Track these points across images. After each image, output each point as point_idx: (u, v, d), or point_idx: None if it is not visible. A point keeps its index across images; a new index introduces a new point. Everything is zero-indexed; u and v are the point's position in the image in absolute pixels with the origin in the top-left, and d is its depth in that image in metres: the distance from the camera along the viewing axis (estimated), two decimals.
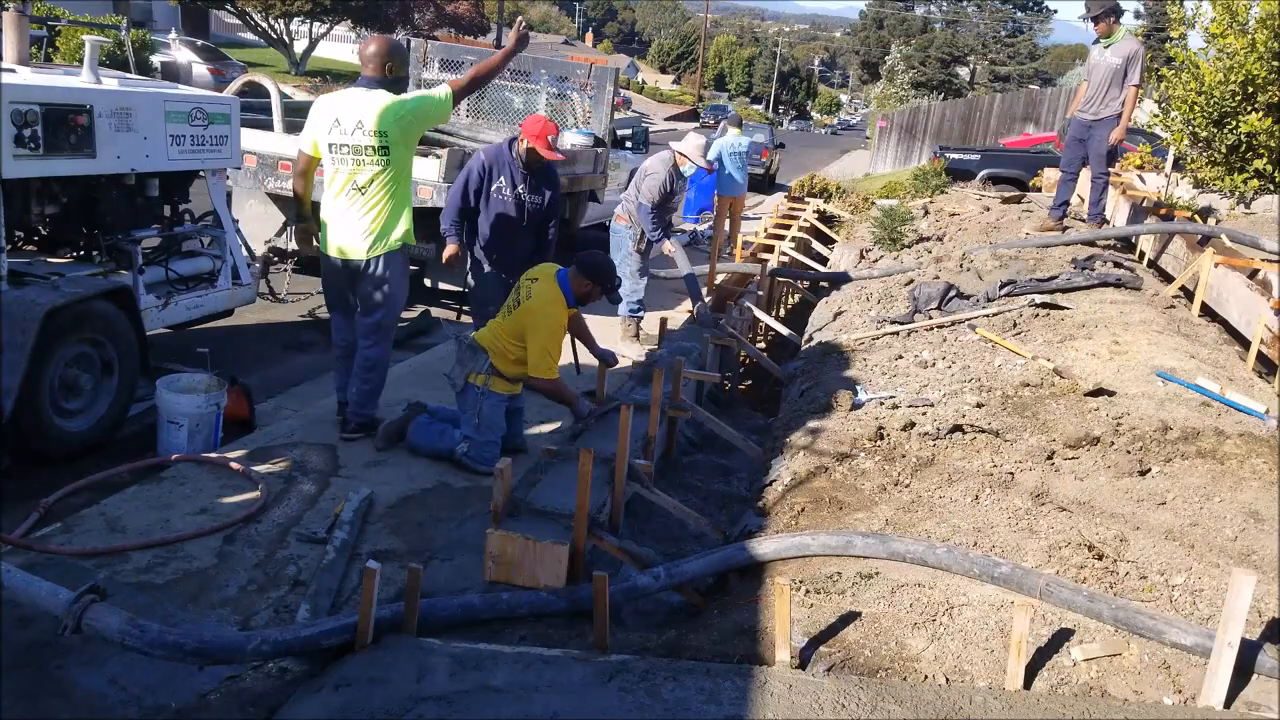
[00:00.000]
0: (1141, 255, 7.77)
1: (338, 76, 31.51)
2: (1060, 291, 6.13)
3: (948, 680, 2.53)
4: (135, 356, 4.58)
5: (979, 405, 4.51)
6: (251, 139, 6.82)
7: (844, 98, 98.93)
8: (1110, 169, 8.02)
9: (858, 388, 5.03)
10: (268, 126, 7.14)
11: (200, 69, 25.09)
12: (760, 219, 13.36)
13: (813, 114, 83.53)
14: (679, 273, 9.61)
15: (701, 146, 7.04)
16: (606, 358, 4.95)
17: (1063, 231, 7.88)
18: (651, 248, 7.18)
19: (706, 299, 7.73)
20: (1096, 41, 7.56)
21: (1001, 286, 6.34)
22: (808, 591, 3.00)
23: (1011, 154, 16.23)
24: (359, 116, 4.37)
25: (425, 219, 7.40)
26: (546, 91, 9.44)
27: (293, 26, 32.70)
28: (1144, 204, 8.23)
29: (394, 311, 4.71)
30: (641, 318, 7.29)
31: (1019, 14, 47.44)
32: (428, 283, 7.81)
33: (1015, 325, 5.73)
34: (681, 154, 6.93)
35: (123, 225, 4.99)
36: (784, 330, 7.87)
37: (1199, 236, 6.90)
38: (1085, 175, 8.52)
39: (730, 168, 11.12)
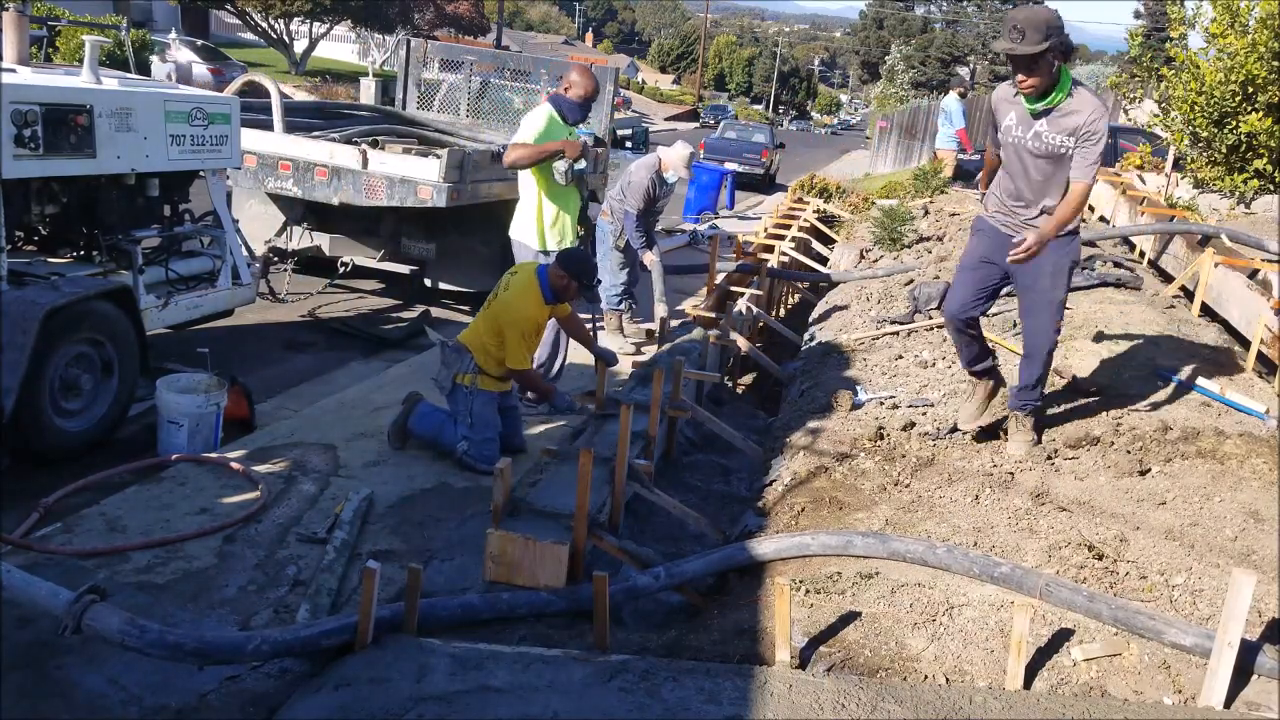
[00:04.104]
0: (1141, 255, 7.77)
1: (338, 77, 31.47)
2: None
3: (948, 680, 2.53)
4: (135, 356, 4.57)
5: None
6: (252, 139, 6.81)
7: (844, 98, 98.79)
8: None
9: (858, 388, 5.03)
10: (268, 126, 7.13)
11: (200, 69, 25.07)
12: (760, 219, 13.37)
13: (813, 114, 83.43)
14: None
15: (686, 157, 6.88)
16: (606, 357, 4.95)
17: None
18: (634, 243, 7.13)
19: (708, 299, 7.72)
20: (1017, 95, 3.73)
21: None
22: (808, 591, 3.00)
23: None
24: None
25: (426, 218, 7.44)
26: (546, 91, 9.44)
27: (293, 26, 32.67)
28: (1144, 204, 8.23)
29: None
30: (623, 311, 7.27)
31: None
32: (428, 282, 7.80)
33: (1015, 325, 5.72)
34: (665, 161, 6.84)
35: (123, 225, 4.99)
36: (784, 330, 7.86)
37: (1199, 236, 6.90)
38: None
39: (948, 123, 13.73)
